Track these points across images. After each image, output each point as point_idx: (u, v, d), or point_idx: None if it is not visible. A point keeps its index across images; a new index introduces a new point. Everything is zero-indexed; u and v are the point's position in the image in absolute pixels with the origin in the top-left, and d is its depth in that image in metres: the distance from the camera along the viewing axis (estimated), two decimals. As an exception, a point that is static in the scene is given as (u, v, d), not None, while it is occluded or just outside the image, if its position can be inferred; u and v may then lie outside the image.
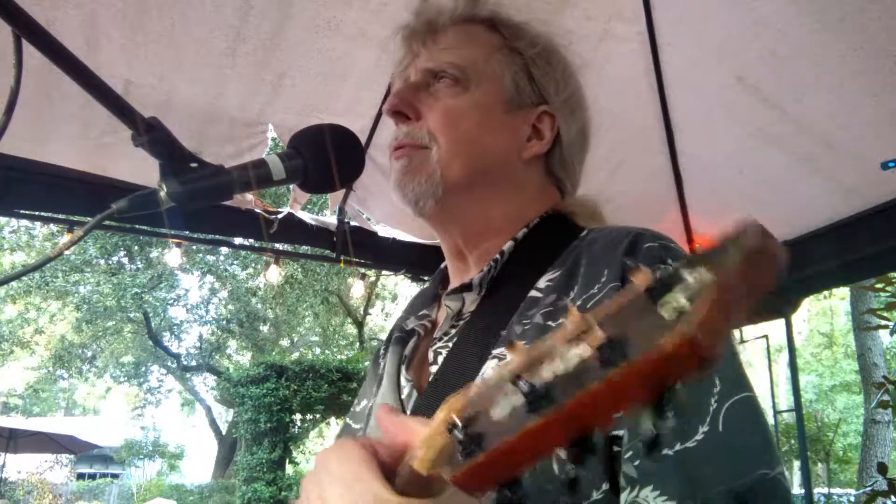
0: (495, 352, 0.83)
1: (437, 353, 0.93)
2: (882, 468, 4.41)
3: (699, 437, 0.66)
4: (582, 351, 0.36)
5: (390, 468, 0.53)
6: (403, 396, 0.94)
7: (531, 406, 0.37)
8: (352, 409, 1.18)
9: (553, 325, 0.82)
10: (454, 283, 0.99)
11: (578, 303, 0.82)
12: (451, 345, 0.92)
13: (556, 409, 0.36)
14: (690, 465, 0.65)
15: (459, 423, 0.42)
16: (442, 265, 1.12)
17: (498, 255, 0.93)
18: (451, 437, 0.42)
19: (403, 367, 0.97)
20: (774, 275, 0.34)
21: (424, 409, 0.86)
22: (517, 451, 0.39)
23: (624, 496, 0.68)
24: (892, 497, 3.74)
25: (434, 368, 0.92)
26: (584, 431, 0.38)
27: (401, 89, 0.98)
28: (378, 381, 1.05)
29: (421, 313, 1.03)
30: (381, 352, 1.14)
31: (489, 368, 0.82)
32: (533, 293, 0.87)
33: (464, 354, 0.87)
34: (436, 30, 1.00)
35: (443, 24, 1.00)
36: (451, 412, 0.44)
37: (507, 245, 0.94)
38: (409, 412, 0.90)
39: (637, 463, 0.68)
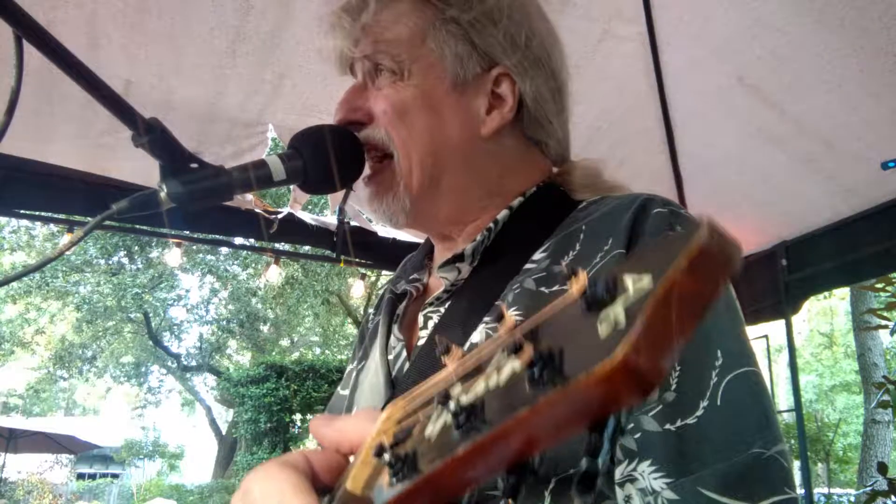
0: (487, 319, 0.82)
1: (427, 318, 0.92)
2: (882, 468, 4.41)
3: (699, 412, 0.65)
4: (514, 365, 0.32)
5: (329, 481, 0.50)
6: (392, 356, 0.93)
7: (459, 427, 0.33)
8: (343, 378, 1.18)
9: (546, 291, 0.79)
10: (444, 256, 0.95)
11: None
12: (442, 310, 0.91)
13: (484, 434, 0.32)
14: (688, 441, 0.64)
15: (387, 444, 0.37)
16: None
17: (492, 224, 0.91)
18: (380, 456, 0.38)
19: (395, 326, 0.97)
20: (726, 280, 0.29)
21: (415, 375, 0.85)
22: (450, 477, 0.34)
23: (621, 469, 0.67)
24: (892, 497, 3.74)
25: (424, 332, 0.91)
26: (521, 457, 0.33)
27: (345, 96, 0.94)
28: (366, 345, 1.05)
29: (412, 277, 1.02)
30: (370, 316, 1.14)
31: (477, 334, 0.81)
32: (528, 265, 0.85)
33: (454, 321, 0.86)
34: (361, 11, 0.93)
35: (368, 5, 0.93)
36: (390, 425, 0.40)
37: (502, 214, 0.92)
38: (399, 374, 0.90)
39: (638, 436, 0.66)
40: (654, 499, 0.63)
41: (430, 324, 0.91)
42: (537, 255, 0.86)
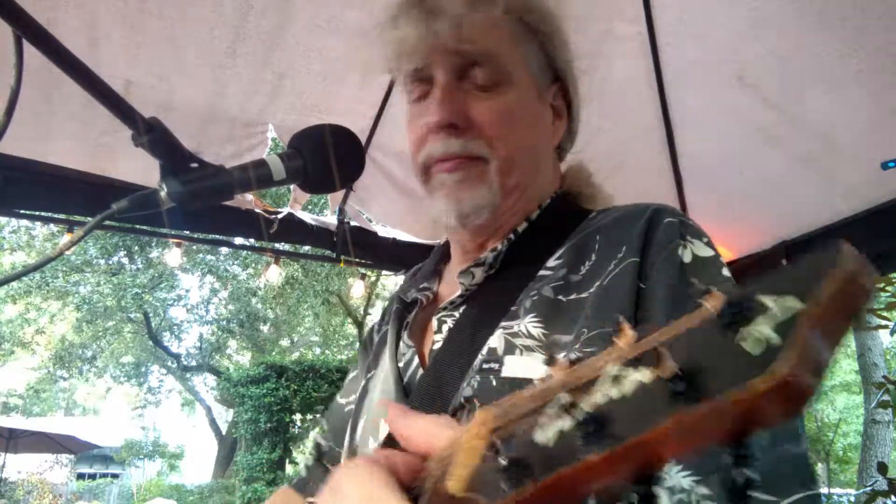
0: (503, 324, 0.83)
1: (441, 322, 0.93)
2: (882, 468, 4.41)
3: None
4: (643, 377, 0.33)
5: (407, 481, 0.50)
6: (402, 364, 0.93)
7: (586, 436, 0.33)
8: (344, 386, 1.18)
9: (564, 299, 0.81)
10: (464, 262, 0.96)
11: (596, 281, 0.80)
12: (457, 314, 0.91)
13: (617, 443, 0.32)
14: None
15: (500, 447, 0.38)
16: (441, 241, 1.11)
17: (512, 235, 0.93)
18: (488, 459, 0.39)
19: (405, 333, 0.97)
20: (866, 304, 0.30)
21: (432, 380, 0.85)
22: (571, 484, 0.35)
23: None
24: (893, 497, 3.74)
25: (439, 336, 0.91)
26: (647, 468, 0.33)
27: (443, 96, 0.89)
28: (374, 356, 1.05)
29: (422, 286, 1.03)
30: (377, 326, 1.14)
31: (495, 339, 0.82)
32: (543, 272, 0.87)
33: (470, 325, 0.87)
34: (453, 5, 0.88)
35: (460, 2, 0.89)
36: (486, 430, 0.40)
37: (522, 225, 0.94)
38: (411, 381, 0.90)
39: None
40: (688, 496, 0.63)
41: (445, 328, 0.91)
42: (552, 262, 0.87)
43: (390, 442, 0.86)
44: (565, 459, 0.34)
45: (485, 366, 0.80)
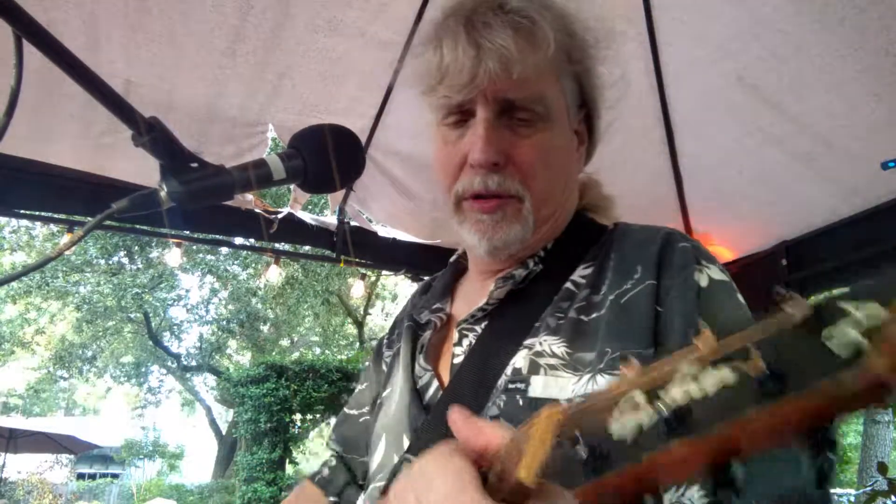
0: (526, 342, 0.84)
1: (462, 335, 0.93)
2: (882, 468, 4.41)
3: None
4: (726, 377, 0.34)
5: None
6: (420, 385, 0.94)
7: (668, 430, 0.35)
8: (352, 398, 1.18)
9: (586, 319, 0.83)
10: (482, 278, 0.98)
11: (611, 297, 0.83)
12: (478, 329, 0.92)
13: (702, 435, 0.34)
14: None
15: (580, 437, 0.40)
16: (453, 257, 1.11)
17: (542, 252, 0.94)
18: (562, 449, 0.41)
19: (421, 357, 0.97)
20: None
21: (452, 398, 0.85)
22: (649, 474, 0.37)
23: (669, 496, 0.68)
24: (893, 497, 3.74)
25: (458, 349, 0.92)
26: (725, 461, 0.35)
27: (487, 135, 0.86)
28: (387, 372, 1.06)
29: (435, 307, 1.02)
30: (386, 341, 1.14)
31: (519, 358, 0.82)
32: (568, 285, 0.89)
33: (493, 342, 0.88)
34: (496, 44, 0.84)
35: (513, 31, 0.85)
36: (554, 423, 0.42)
37: (549, 244, 0.95)
38: (431, 400, 0.91)
39: None
40: None
41: (466, 342, 0.92)
42: (576, 277, 0.89)
43: (412, 451, 0.87)
44: (645, 451, 0.36)
45: (510, 385, 0.81)
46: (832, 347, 0.32)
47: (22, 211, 2.99)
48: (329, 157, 0.80)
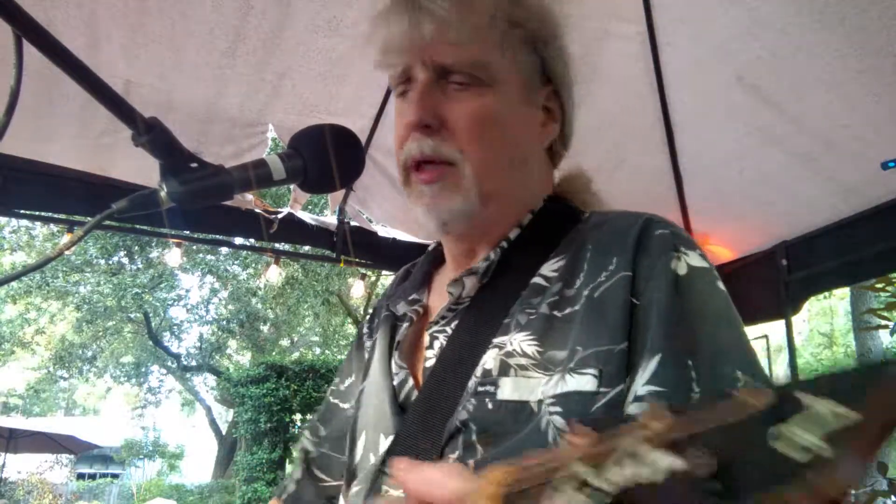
0: (496, 341, 0.82)
1: (433, 338, 0.91)
2: (882, 468, 4.40)
3: None
4: (673, 463, 0.32)
5: None
6: (396, 382, 0.92)
7: None
8: (334, 386, 1.17)
9: (559, 314, 0.80)
10: (457, 269, 0.95)
11: (585, 292, 0.79)
12: (449, 330, 0.90)
13: None
14: None
15: None
16: (431, 245, 1.09)
17: (504, 243, 0.91)
18: None
19: (396, 354, 0.95)
20: None
21: (425, 403, 0.84)
22: None
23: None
24: (893, 497, 3.74)
25: (430, 353, 0.90)
26: None
27: (420, 95, 0.87)
28: (367, 363, 1.04)
29: (412, 298, 1.00)
30: (366, 330, 1.12)
31: (489, 359, 0.80)
32: (536, 279, 0.85)
33: (463, 342, 0.86)
34: (432, 10, 0.86)
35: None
36: (497, 490, 0.40)
37: (513, 232, 0.92)
38: (406, 400, 0.89)
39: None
40: None
41: (437, 344, 0.90)
42: (546, 271, 0.86)
43: (390, 455, 0.86)
44: None
45: (480, 388, 0.79)
46: (784, 449, 0.29)
47: (22, 211, 2.99)
48: (329, 157, 0.80)
